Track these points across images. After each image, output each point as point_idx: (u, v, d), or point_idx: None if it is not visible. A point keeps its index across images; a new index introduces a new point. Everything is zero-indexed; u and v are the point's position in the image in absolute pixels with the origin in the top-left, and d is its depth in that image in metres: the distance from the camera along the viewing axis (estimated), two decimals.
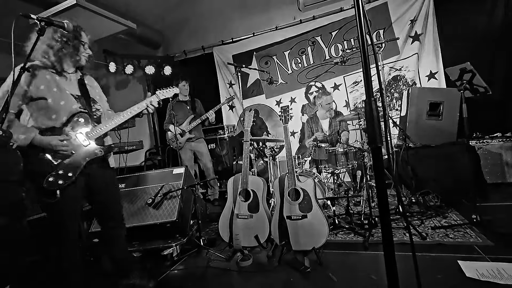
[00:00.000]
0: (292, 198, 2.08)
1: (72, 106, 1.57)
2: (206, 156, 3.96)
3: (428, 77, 3.93)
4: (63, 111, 1.54)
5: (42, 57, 1.51)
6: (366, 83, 0.79)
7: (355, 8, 0.96)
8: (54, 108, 1.51)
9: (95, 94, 1.77)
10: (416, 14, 3.91)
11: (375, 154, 0.67)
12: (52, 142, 1.46)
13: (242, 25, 4.95)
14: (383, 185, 0.68)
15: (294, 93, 4.68)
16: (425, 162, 2.99)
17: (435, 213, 2.53)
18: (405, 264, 1.13)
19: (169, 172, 2.67)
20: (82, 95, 1.66)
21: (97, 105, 1.73)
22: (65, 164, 1.51)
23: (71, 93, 1.60)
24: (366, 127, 0.74)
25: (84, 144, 1.58)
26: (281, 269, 1.97)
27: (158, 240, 2.37)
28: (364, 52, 0.83)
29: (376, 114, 0.69)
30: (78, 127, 1.58)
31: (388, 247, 0.75)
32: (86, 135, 1.59)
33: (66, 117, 1.54)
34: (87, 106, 1.64)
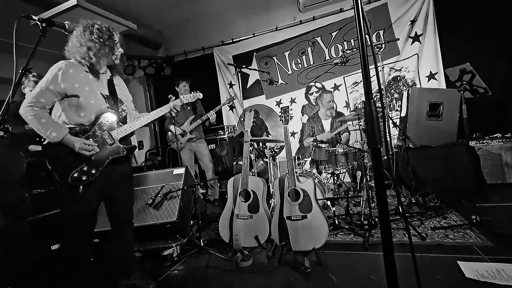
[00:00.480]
0: (292, 199, 2.09)
1: (101, 106, 1.63)
2: (206, 157, 3.97)
3: (428, 77, 3.94)
4: (92, 110, 1.60)
5: (81, 58, 1.57)
6: (366, 84, 0.80)
7: (354, 10, 0.96)
8: (84, 106, 1.58)
9: (122, 94, 1.82)
10: (416, 14, 3.92)
11: (374, 155, 0.67)
12: (76, 144, 1.51)
13: (242, 26, 4.96)
14: (383, 185, 0.69)
15: (294, 93, 4.68)
16: (425, 163, 3.00)
17: (435, 214, 2.54)
18: (405, 265, 1.13)
19: (169, 173, 2.68)
20: (111, 95, 1.71)
21: (124, 105, 1.78)
22: (89, 161, 1.57)
23: (101, 92, 1.66)
24: (365, 128, 0.74)
25: (109, 143, 1.64)
26: (281, 270, 1.98)
27: (159, 241, 2.38)
28: (363, 54, 0.84)
29: (375, 115, 0.69)
30: (105, 125, 1.63)
31: (387, 246, 0.75)
32: (111, 134, 1.65)
33: (94, 116, 1.61)
34: (114, 106, 1.69)
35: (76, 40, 1.57)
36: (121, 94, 1.81)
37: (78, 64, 1.59)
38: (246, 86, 4.96)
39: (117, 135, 1.66)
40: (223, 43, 5.05)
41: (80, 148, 1.51)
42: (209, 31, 5.22)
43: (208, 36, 5.20)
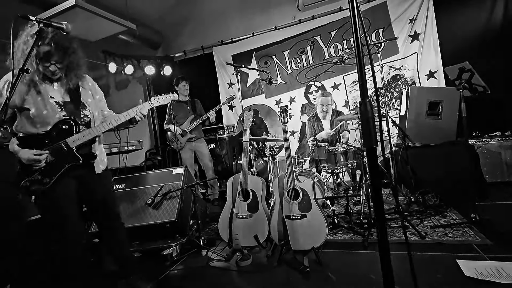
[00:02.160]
0: (291, 198, 2.09)
1: (55, 116, 1.57)
2: (206, 156, 3.97)
3: (427, 76, 3.93)
4: (46, 120, 1.55)
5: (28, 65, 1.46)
6: (361, 85, 0.80)
7: (350, 10, 0.96)
8: (37, 117, 1.53)
9: (88, 96, 1.73)
10: (415, 13, 3.91)
11: (370, 154, 0.67)
12: (24, 156, 1.47)
13: (242, 25, 4.96)
14: (379, 184, 0.69)
15: (293, 92, 4.68)
16: (425, 162, 2.99)
17: (434, 212, 2.54)
18: (404, 263, 1.13)
19: (168, 172, 2.68)
20: (71, 100, 1.64)
21: (87, 110, 1.70)
22: (43, 170, 1.52)
23: (56, 100, 1.59)
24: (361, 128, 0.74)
25: (65, 151, 1.58)
26: (281, 269, 1.98)
27: (158, 240, 2.38)
28: (358, 54, 0.83)
29: (371, 115, 0.69)
30: (62, 133, 1.57)
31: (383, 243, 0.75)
32: (67, 142, 1.58)
33: (50, 126, 1.56)
34: (75, 112, 1.62)
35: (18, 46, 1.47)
36: (85, 96, 1.74)
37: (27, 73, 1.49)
38: (246, 86, 4.96)
39: (73, 143, 1.59)
40: (222, 43, 5.05)
41: (28, 160, 1.47)
42: (209, 30, 5.21)
43: (207, 35, 5.20)
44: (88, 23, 3.31)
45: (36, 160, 1.48)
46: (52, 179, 1.53)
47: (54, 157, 1.54)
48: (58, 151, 1.56)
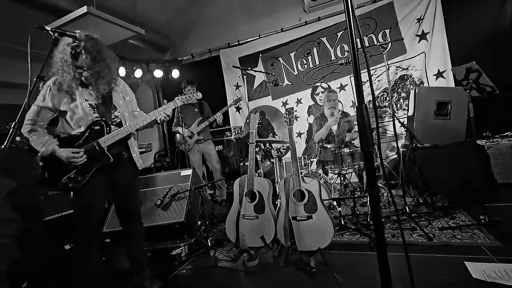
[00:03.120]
0: (297, 199, 2.11)
1: (88, 118, 1.69)
2: (214, 158, 4.02)
3: (436, 76, 3.89)
4: (81, 122, 1.67)
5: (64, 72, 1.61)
6: (357, 89, 0.82)
7: (345, 15, 0.98)
8: (73, 119, 1.66)
9: (119, 98, 1.84)
10: (423, 12, 3.88)
11: (367, 158, 0.70)
12: (64, 155, 1.60)
13: (248, 28, 5.00)
14: (376, 187, 0.71)
15: (300, 94, 4.69)
16: (433, 162, 2.96)
17: (443, 214, 2.51)
18: (412, 265, 1.14)
19: (177, 174, 2.74)
20: (103, 103, 1.75)
21: (117, 111, 1.81)
22: (78, 168, 1.65)
23: (90, 103, 1.71)
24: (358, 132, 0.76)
25: (97, 150, 1.69)
26: (287, 270, 2.00)
27: (167, 240, 2.44)
28: (354, 58, 0.85)
29: (367, 119, 0.72)
30: (95, 134, 1.69)
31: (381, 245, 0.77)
32: (99, 142, 1.69)
33: (84, 127, 1.68)
34: (106, 114, 1.74)
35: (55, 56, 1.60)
36: (116, 98, 1.83)
37: (62, 79, 1.63)
38: (252, 87, 5.00)
39: (104, 143, 1.70)
40: (229, 45, 5.11)
41: (67, 158, 1.60)
42: (216, 33, 5.28)
43: (214, 38, 5.26)
44: (98, 29, 3.40)
45: (75, 158, 1.60)
46: (86, 178, 1.65)
47: (88, 156, 1.65)
48: (91, 151, 1.66)
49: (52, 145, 1.62)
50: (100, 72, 1.68)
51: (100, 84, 1.70)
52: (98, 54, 1.65)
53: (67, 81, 1.61)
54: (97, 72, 1.66)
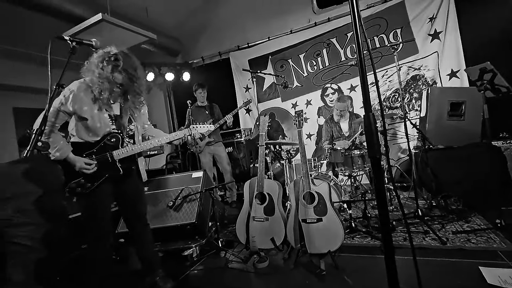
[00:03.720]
0: (307, 202, 2.12)
1: (106, 129, 1.74)
2: (224, 159, 4.06)
3: (449, 76, 3.81)
4: (98, 131, 1.72)
5: (92, 83, 1.67)
6: (364, 97, 0.83)
7: (351, 16, 0.99)
8: (91, 127, 1.70)
9: (135, 111, 1.90)
10: (435, 11, 3.80)
11: (375, 165, 0.70)
12: (77, 163, 1.65)
13: (258, 30, 5.04)
14: (383, 194, 0.71)
15: (310, 95, 4.68)
16: (447, 164, 2.91)
17: (457, 217, 2.46)
18: (424, 269, 1.13)
19: (188, 176, 2.79)
20: (122, 114, 1.81)
21: (132, 124, 1.87)
22: (87, 175, 1.69)
23: (109, 113, 1.77)
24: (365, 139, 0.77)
25: (109, 162, 1.74)
26: (297, 272, 2.01)
27: (179, 241, 2.49)
28: (361, 64, 0.86)
29: (374, 127, 0.72)
30: (108, 145, 1.74)
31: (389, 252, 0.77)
32: (112, 154, 1.74)
33: (99, 137, 1.73)
34: (123, 126, 1.80)
35: (91, 64, 1.67)
36: (133, 111, 1.88)
37: (90, 85, 1.70)
38: (262, 89, 5.03)
39: (117, 156, 1.75)
40: (239, 48, 5.16)
41: (80, 168, 1.65)
42: (225, 36, 5.34)
43: (224, 41, 5.33)
44: (112, 35, 3.51)
45: (86, 168, 1.66)
46: (94, 185, 1.69)
47: (99, 165, 1.71)
48: (103, 161, 1.72)
49: (67, 152, 1.66)
50: (136, 91, 1.77)
51: (132, 101, 1.79)
52: (135, 73, 1.73)
53: (107, 95, 1.68)
54: (133, 89, 1.75)
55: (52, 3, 3.34)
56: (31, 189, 0.64)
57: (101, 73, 1.65)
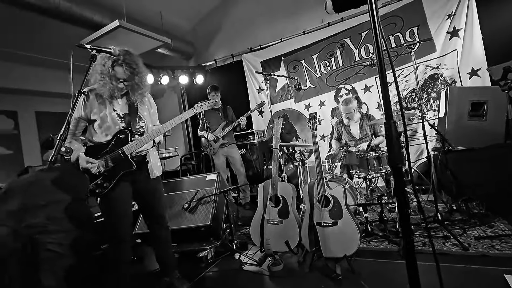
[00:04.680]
0: (322, 205, 2.09)
1: (115, 127, 1.79)
2: (238, 161, 4.08)
3: (469, 74, 3.67)
4: (109, 130, 1.77)
5: (99, 85, 1.73)
6: (385, 104, 0.81)
7: (370, 18, 0.96)
8: (102, 128, 1.76)
9: (143, 110, 1.94)
10: (454, 8, 3.68)
11: (396, 173, 0.68)
12: (80, 163, 1.69)
13: (270, 32, 5.04)
14: (405, 202, 0.69)
15: (323, 96, 4.64)
16: (467, 166, 2.80)
17: (479, 222, 2.36)
18: (445, 276, 1.10)
19: (203, 178, 2.82)
20: (130, 113, 1.85)
21: (142, 122, 1.90)
22: (104, 175, 1.73)
23: (118, 113, 1.82)
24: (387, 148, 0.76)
25: (122, 158, 1.76)
26: (312, 275, 1.99)
27: (194, 243, 2.52)
28: (381, 68, 0.84)
29: (396, 135, 0.70)
30: (120, 142, 1.77)
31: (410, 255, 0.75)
32: (124, 150, 1.77)
33: (111, 136, 1.77)
34: (132, 123, 1.83)
35: (96, 66, 1.71)
36: (142, 110, 1.93)
37: (96, 91, 1.75)
38: (275, 91, 5.02)
39: (128, 150, 1.76)
40: (251, 50, 5.18)
41: (82, 167, 1.67)
42: (238, 38, 5.38)
43: (237, 43, 5.37)
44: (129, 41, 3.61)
45: (89, 167, 1.68)
46: (111, 184, 1.73)
47: (113, 163, 1.74)
48: (116, 158, 1.75)
49: (77, 153, 1.71)
50: (138, 84, 1.80)
51: (135, 94, 1.82)
52: (136, 67, 1.77)
53: (108, 90, 1.73)
54: (135, 83, 1.79)
55: (72, 11, 3.47)
56: (61, 197, 0.66)
57: (103, 70, 1.70)
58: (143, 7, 4.46)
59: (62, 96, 4.89)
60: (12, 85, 4.33)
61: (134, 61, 1.79)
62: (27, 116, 4.82)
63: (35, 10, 3.21)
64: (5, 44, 3.92)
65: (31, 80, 4.52)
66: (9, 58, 4.14)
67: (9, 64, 4.22)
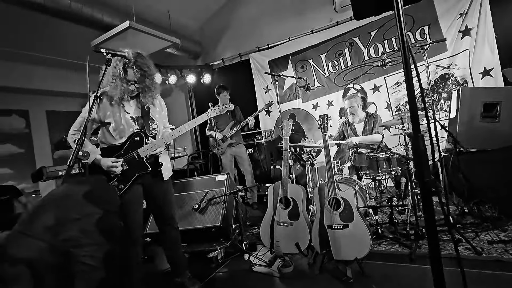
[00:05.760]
0: (333, 207, 2.09)
1: (129, 129, 1.81)
2: (246, 161, 4.09)
3: (481, 74, 3.61)
4: (123, 132, 1.80)
5: (116, 85, 1.76)
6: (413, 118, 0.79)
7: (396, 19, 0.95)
8: (116, 130, 1.78)
9: (155, 113, 1.96)
10: (466, 6, 3.62)
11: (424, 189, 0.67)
12: (104, 164, 1.72)
13: (278, 31, 5.02)
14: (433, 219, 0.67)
15: (331, 96, 4.61)
16: (480, 168, 2.76)
17: (492, 226, 2.33)
18: (457, 280, 1.09)
19: (212, 179, 2.84)
20: (142, 115, 1.88)
21: (155, 124, 1.93)
22: (119, 177, 1.77)
23: (131, 115, 1.84)
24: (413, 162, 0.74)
25: (137, 160, 1.80)
26: (323, 278, 1.99)
27: (204, 243, 2.54)
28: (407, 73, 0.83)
29: (423, 149, 0.69)
30: (134, 145, 1.80)
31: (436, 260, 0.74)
32: (139, 153, 1.80)
33: (125, 138, 1.80)
34: (145, 126, 1.85)
35: (109, 69, 1.74)
36: (154, 112, 1.95)
37: (109, 94, 1.77)
38: (282, 90, 5.01)
39: (143, 153, 1.80)
40: (259, 49, 5.17)
41: (107, 167, 1.71)
42: (245, 38, 5.37)
43: (244, 42, 5.36)
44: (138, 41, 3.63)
45: (114, 167, 1.72)
46: (126, 186, 1.76)
47: (128, 165, 1.77)
48: (131, 160, 1.78)
49: (95, 154, 1.74)
50: (149, 86, 1.82)
51: (146, 97, 1.84)
52: (148, 69, 1.80)
53: (119, 93, 1.75)
54: (145, 85, 1.81)
55: (82, 12, 3.50)
56: (93, 210, 0.68)
57: (114, 72, 1.74)
58: (151, 7, 4.48)
59: (72, 96, 4.96)
60: (24, 85, 4.40)
61: (145, 63, 1.82)
62: (38, 115, 4.89)
63: (48, 12, 3.25)
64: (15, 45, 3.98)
65: (41, 80, 4.59)
66: (20, 59, 4.20)
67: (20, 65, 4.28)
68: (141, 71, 1.78)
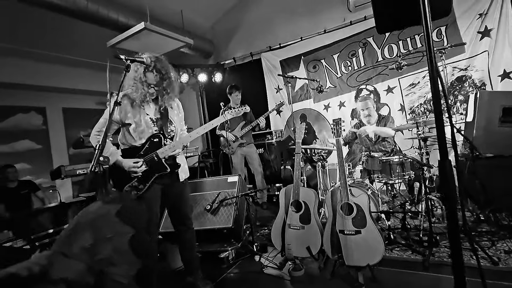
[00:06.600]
0: (345, 213, 2.08)
1: (149, 130, 1.87)
2: (256, 161, 4.10)
3: (501, 77, 3.50)
4: (143, 134, 1.85)
5: (132, 91, 1.82)
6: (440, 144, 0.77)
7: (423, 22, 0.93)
8: (136, 131, 1.84)
9: (173, 115, 2.01)
10: (486, 7, 3.50)
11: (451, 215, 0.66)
12: (126, 165, 1.78)
13: (290, 30, 4.98)
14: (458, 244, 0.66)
15: (343, 97, 4.56)
16: (497, 174, 2.69)
17: (509, 235, 2.28)
18: None
19: (224, 180, 2.87)
20: (161, 117, 1.93)
21: (173, 126, 1.98)
22: (139, 177, 1.82)
23: (150, 117, 1.90)
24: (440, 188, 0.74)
25: (156, 161, 1.84)
26: (334, 283, 2.00)
27: (215, 244, 2.58)
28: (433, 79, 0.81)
29: (451, 174, 0.68)
30: (154, 146, 1.85)
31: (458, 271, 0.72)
32: (158, 154, 1.85)
33: (144, 139, 1.85)
34: (164, 127, 1.91)
35: (129, 76, 1.78)
36: (172, 114, 1.99)
37: (130, 96, 1.83)
38: (294, 90, 4.98)
39: (162, 154, 1.85)
40: (270, 49, 5.14)
41: (129, 167, 1.77)
42: (257, 37, 5.35)
43: (256, 42, 5.34)
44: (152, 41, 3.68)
45: (135, 167, 1.77)
46: (146, 186, 1.82)
47: (148, 166, 1.82)
48: (151, 161, 1.83)
49: (116, 155, 1.80)
50: (167, 89, 1.88)
51: (165, 99, 1.90)
52: (166, 73, 1.86)
53: (140, 96, 1.80)
54: (164, 88, 1.86)
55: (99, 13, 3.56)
56: (124, 229, 0.70)
57: (135, 76, 1.80)
58: (164, 7, 4.51)
59: (87, 93, 5.06)
60: (42, 83, 4.51)
61: (164, 67, 1.88)
62: (55, 112, 5.02)
63: (65, 12, 3.32)
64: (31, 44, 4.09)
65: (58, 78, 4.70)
66: (38, 58, 4.31)
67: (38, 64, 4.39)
68: (160, 74, 1.84)
